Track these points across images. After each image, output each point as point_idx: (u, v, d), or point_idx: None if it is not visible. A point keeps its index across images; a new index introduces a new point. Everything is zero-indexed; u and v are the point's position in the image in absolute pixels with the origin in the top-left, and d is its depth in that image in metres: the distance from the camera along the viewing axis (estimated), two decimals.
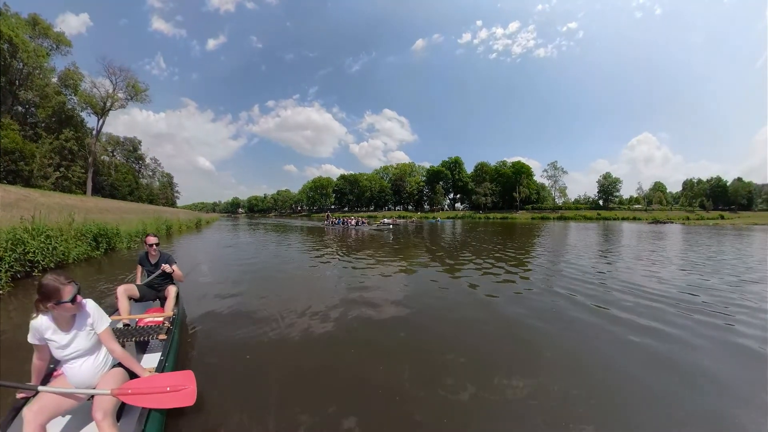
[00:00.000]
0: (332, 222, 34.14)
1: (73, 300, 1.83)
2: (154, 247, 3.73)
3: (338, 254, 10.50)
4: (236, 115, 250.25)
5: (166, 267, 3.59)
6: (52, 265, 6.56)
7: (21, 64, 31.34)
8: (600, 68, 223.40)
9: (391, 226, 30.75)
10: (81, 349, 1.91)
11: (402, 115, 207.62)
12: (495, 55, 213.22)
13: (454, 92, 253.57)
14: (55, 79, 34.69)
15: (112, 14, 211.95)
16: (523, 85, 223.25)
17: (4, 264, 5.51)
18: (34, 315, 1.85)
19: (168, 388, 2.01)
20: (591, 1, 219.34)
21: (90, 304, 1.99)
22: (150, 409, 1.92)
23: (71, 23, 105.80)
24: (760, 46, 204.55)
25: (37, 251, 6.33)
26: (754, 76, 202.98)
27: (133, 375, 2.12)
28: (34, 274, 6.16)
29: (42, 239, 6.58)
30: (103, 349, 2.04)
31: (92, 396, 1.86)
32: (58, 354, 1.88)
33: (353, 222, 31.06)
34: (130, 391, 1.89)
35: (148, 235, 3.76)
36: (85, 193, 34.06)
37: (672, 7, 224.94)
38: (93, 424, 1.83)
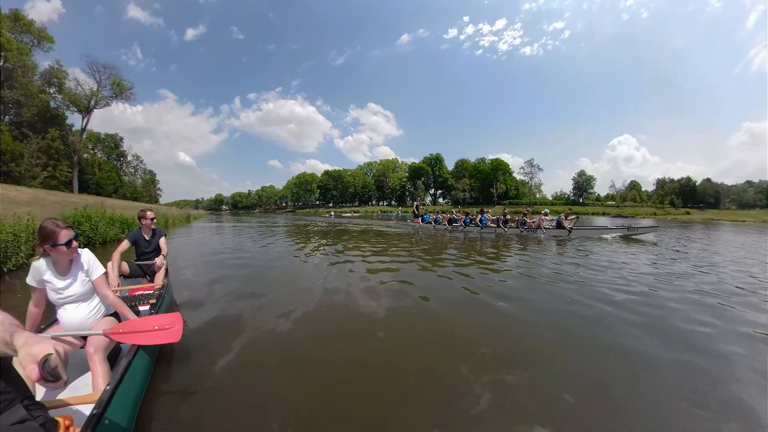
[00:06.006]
0: (445, 220, 16.66)
1: (68, 244, 1.93)
2: (154, 220, 3.98)
3: None
4: (217, 109, 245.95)
5: (159, 260, 3.75)
6: (100, 240, 8.77)
7: (2, 61, 31.69)
8: (585, 69, 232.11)
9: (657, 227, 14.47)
10: (76, 293, 2.03)
11: (387, 109, 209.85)
12: (481, 52, 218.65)
13: (440, 87, 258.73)
14: (36, 77, 34.88)
15: (85, 0, 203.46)
16: (509, 82, 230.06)
17: None
18: (36, 257, 1.97)
19: (156, 327, 2.13)
20: (578, 2, 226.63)
21: (86, 253, 2.12)
22: (139, 347, 2.08)
23: (42, 10, 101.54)
24: (739, 54, 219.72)
25: (89, 231, 8.53)
26: (733, 82, 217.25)
27: None
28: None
29: (91, 223, 8.76)
30: (97, 298, 2.16)
31: (85, 343, 1.98)
32: (53, 297, 1.99)
33: (551, 222, 13.18)
34: (120, 330, 2.03)
35: (146, 210, 3.89)
36: (71, 191, 34.75)
37: (658, 11, 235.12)
38: (86, 374, 2.00)
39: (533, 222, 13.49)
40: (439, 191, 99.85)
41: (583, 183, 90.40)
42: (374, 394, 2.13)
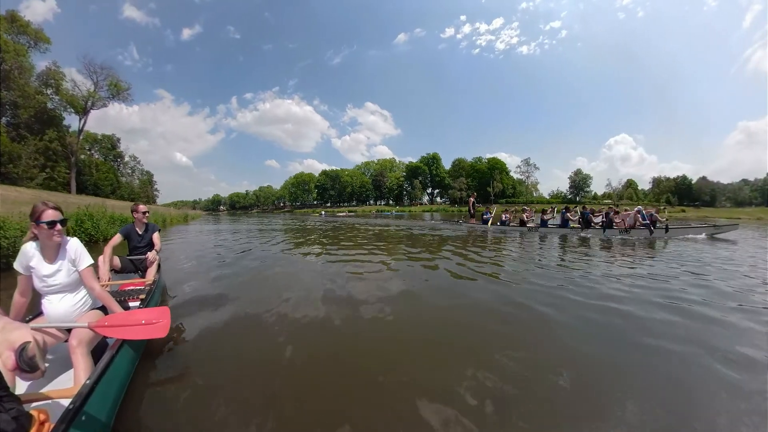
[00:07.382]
0: (515, 220, 14.84)
1: (52, 225, 1.90)
2: (147, 214, 3.85)
3: None
4: (214, 109, 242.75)
5: (151, 255, 3.62)
6: (102, 238, 9.09)
7: None
8: (582, 68, 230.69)
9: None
10: (61, 283, 1.98)
11: (385, 109, 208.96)
12: (478, 51, 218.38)
13: (437, 86, 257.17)
14: (33, 78, 34.84)
15: (80, 0, 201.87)
16: (506, 81, 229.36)
17: (77, 235, 8.05)
18: (25, 240, 1.97)
19: (143, 321, 2.06)
20: (575, 1, 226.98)
21: (74, 242, 2.06)
22: (124, 342, 2.02)
23: (37, 9, 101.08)
24: (734, 53, 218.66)
25: (91, 229, 8.88)
26: (728, 82, 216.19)
27: None
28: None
29: (93, 221, 9.09)
30: (84, 290, 2.11)
31: (69, 336, 1.90)
32: (38, 285, 1.95)
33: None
34: (106, 324, 1.96)
35: (138, 204, 3.77)
36: (69, 192, 34.83)
37: (654, 11, 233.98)
38: (69, 370, 1.92)
39: (623, 220, 11.73)
40: (437, 190, 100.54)
41: (579, 182, 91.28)
42: (368, 395, 2.10)
